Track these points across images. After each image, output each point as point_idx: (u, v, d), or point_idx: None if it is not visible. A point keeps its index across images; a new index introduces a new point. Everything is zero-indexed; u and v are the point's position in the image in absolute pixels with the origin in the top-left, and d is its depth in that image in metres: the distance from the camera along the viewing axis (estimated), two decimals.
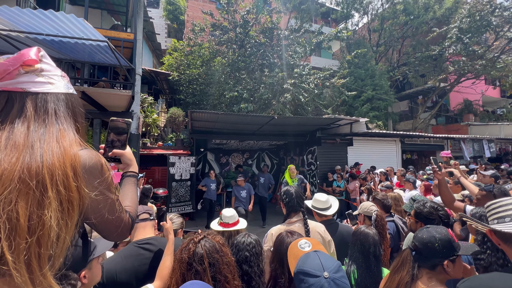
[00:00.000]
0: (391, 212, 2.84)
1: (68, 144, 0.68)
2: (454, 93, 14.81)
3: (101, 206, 0.72)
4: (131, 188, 0.93)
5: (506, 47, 12.09)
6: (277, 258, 1.33)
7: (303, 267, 0.95)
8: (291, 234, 1.38)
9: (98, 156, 0.75)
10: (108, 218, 0.74)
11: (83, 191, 0.66)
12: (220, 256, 1.19)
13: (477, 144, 10.81)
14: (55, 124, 0.69)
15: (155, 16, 17.25)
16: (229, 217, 2.13)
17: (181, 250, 1.20)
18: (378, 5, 15.32)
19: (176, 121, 8.86)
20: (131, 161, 0.96)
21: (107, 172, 0.75)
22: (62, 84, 0.76)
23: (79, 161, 0.68)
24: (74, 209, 0.64)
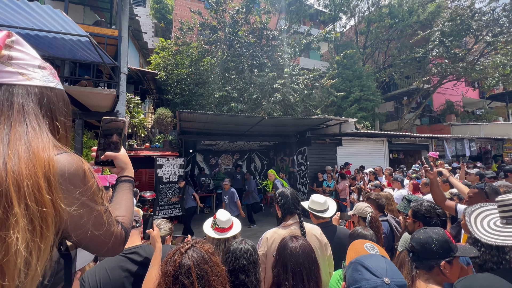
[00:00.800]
0: (384, 212, 2.83)
1: (40, 148, 0.56)
2: (437, 94, 15.35)
3: (84, 221, 0.61)
4: (126, 195, 0.82)
5: (484, 50, 12.65)
6: (280, 263, 1.26)
7: (365, 262, 0.92)
8: (296, 239, 1.31)
9: (80, 161, 0.64)
10: (94, 234, 0.63)
11: (59, 205, 0.56)
12: (210, 266, 1.08)
13: (459, 143, 11.23)
14: (23, 122, 0.58)
15: (142, 14, 16.81)
16: (225, 221, 1.99)
17: (166, 261, 1.08)
18: (365, 8, 15.66)
19: (164, 121, 8.64)
20: (126, 164, 0.86)
21: (91, 180, 0.64)
22: (38, 75, 0.64)
23: (55, 168, 0.57)
24: (48, 228, 0.53)
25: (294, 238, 1.32)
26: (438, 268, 1.26)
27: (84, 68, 4.83)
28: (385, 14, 14.47)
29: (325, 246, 1.77)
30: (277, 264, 1.27)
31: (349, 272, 0.94)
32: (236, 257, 1.38)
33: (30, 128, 0.58)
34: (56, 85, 0.69)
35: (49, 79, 0.67)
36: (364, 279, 0.87)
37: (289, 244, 1.28)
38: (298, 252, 1.22)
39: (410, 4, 13.81)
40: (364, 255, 1.01)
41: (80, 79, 4.39)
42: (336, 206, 2.18)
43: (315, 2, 16.21)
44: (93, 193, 0.64)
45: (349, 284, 0.91)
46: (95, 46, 2.77)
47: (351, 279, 0.91)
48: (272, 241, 1.73)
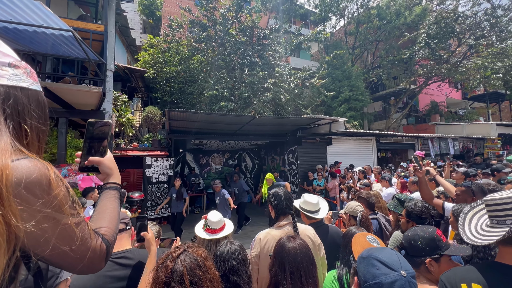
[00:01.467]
0: (375, 210, 2.87)
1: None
2: (422, 95, 15.82)
3: (48, 236, 0.54)
4: (111, 204, 0.75)
5: (467, 52, 13.13)
6: (278, 262, 1.24)
7: (379, 256, 0.92)
8: (293, 238, 1.30)
9: (44, 168, 0.56)
10: (62, 250, 0.56)
11: (12, 220, 0.48)
12: (203, 272, 1.04)
13: (443, 142, 11.62)
14: None
15: (130, 10, 16.41)
16: (216, 222, 1.97)
17: (157, 267, 1.03)
18: (354, 9, 15.90)
19: (152, 120, 8.44)
20: (111, 170, 0.81)
21: (56, 189, 0.56)
22: (7, 74, 0.58)
23: (9, 176, 0.50)
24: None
25: (291, 238, 1.31)
26: (424, 265, 1.28)
27: (68, 65, 4.64)
28: (373, 16, 14.75)
29: (319, 246, 1.77)
30: (274, 264, 1.26)
31: (363, 267, 0.93)
32: (224, 260, 1.35)
33: None
34: (30, 86, 0.63)
35: (21, 79, 0.61)
36: (382, 274, 0.87)
37: (286, 244, 1.26)
38: (296, 252, 1.21)
39: (397, 6, 14.13)
40: (373, 248, 1.01)
41: (63, 76, 4.20)
42: (328, 206, 2.18)
43: (306, 2, 16.32)
44: (59, 204, 0.56)
45: (365, 279, 0.90)
46: (79, 41, 2.65)
47: (368, 275, 0.90)
48: (265, 242, 1.71)
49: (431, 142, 11.21)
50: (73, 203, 0.60)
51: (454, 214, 1.76)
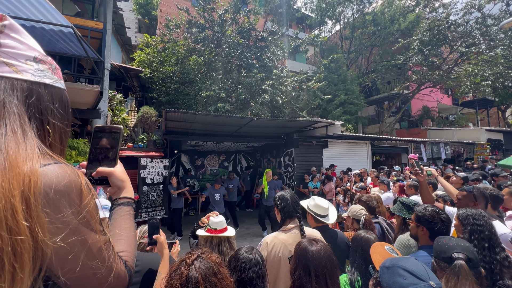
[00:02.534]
0: (375, 214, 2.88)
1: (20, 157, 0.44)
2: (415, 100, 16.16)
3: (77, 253, 0.47)
4: (126, 223, 0.66)
5: (458, 60, 13.49)
6: (302, 266, 1.21)
7: (405, 265, 0.91)
8: (315, 242, 1.27)
9: (75, 174, 0.51)
10: (89, 271, 0.49)
11: (40, 233, 0.42)
12: (219, 279, 1.00)
13: (435, 146, 11.86)
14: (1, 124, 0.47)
15: (125, 9, 16.19)
16: (217, 223, 1.95)
17: (170, 275, 0.98)
18: (349, 14, 16.13)
19: (148, 121, 8.32)
20: (123, 183, 0.70)
21: (87, 198, 0.51)
22: (31, 69, 0.53)
23: (37, 184, 0.44)
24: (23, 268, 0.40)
25: (313, 241, 1.28)
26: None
27: (63, 62, 4.51)
28: (368, 21, 15.00)
29: None
30: (297, 267, 1.23)
31: (388, 277, 0.91)
32: (245, 268, 1.30)
33: (9, 131, 0.47)
34: (54, 83, 0.58)
35: (46, 75, 0.57)
36: (410, 283, 0.85)
37: (309, 247, 1.23)
38: (320, 255, 1.19)
39: (392, 12, 14.41)
40: (397, 258, 1.00)
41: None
42: (336, 212, 2.17)
43: (302, 6, 16.47)
44: (89, 216, 0.51)
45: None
46: (79, 38, 2.57)
47: (395, 285, 0.88)
48: (272, 245, 1.68)
49: (423, 147, 11.42)
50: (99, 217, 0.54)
51: (460, 218, 1.77)
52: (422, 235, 1.69)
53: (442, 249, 1.23)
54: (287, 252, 1.64)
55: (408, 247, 1.94)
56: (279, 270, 1.62)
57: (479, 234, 1.65)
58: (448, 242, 1.23)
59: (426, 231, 1.66)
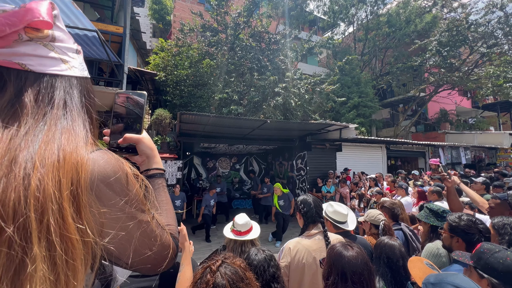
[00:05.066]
0: (398, 220, 2.76)
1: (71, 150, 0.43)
2: (432, 102, 15.63)
3: (134, 240, 0.48)
4: (163, 196, 0.64)
5: (479, 61, 12.97)
6: (337, 271, 1.17)
7: (456, 282, 0.86)
8: (351, 247, 1.22)
9: (119, 161, 0.49)
10: (146, 251, 0.50)
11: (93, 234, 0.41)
12: (246, 284, 0.96)
13: (455, 151, 11.39)
14: (60, 122, 0.45)
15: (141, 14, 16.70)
16: (242, 225, 1.94)
17: (195, 283, 0.94)
18: (363, 16, 15.89)
19: (162, 123, 8.45)
20: (152, 151, 0.66)
21: (136, 184, 0.50)
22: (77, 63, 0.52)
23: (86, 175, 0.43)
24: (76, 274, 0.38)
25: (348, 246, 1.23)
26: None
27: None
28: (383, 23, 14.71)
29: None
30: (332, 273, 1.18)
31: None
32: (264, 268, 1.29)
33: (70, 129, 0.46)
34: (88, 74, 0.57)
35: (84, 67, 0.55)
36: None
37: (345, 253, 1.18)
38: (357, 262, 1.13)
39: (407, 13, 14.07)
40: (444, 274, 0.93)
41: None
42: (355, 218, 2.10)
43: (315, 9, 16.38)
44: (140, 201, 0.51)
45: None
46: (103, 42, 2.63)
47: None
48: (296, 251, 1.62)
49: (442, 151, 11.00)
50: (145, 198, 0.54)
51: (495, 227, 1.66)
52: (458, 247, 1.57)
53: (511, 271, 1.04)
54: (311, 259, 1.58)
55: (438, 256, 1.83)
56: (303, 276, 1.56)
57: None
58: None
59: (462, 243, 1.55)
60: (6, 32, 0.41)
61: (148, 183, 0.56)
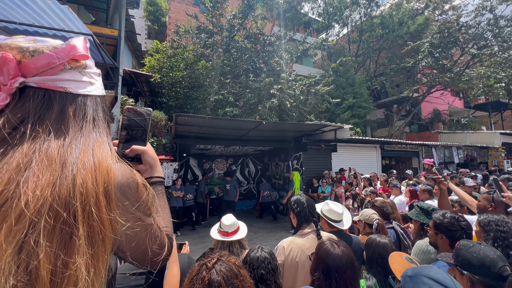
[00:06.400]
0: (389, 219, 2.83)
1: (103, 157, 0.53)
2: (425, 103, 15.87)
3: (140, 238, 0.58)
4: (162, 201, 0.74)
5: (470, 62, 13.23)
6: (321, 268, 1.21)
7: (430, 274, 0.88)
8: (337, 245, 1.26)
9: (132, 171, 0.60)
10: (148, 249, 0.60)
11: (116, 223, 0.51)
12: (240, 281, 1.01)
13: (447, 150, 11.59)
14: (92, 133, 0.57)
15: (135, 16, 16.62)
16: (229, 226, 1.99)
17: (191, 279, 0.99)
18: (357, 18, 16.07)
19: (158, 125, 8.44)
20: (155, 161, 0.76)
21: (145, 192, 0.60)
22: (99, 84, 0.63)
23: (113, 180, 0.53)
24: (106, 251, 0.49)
25: (335, 244, 1.27)
26: None
27: None
28: (376, 25, 14.91)
29: None
30: (317, 268, 1.22)
31: (411, 286, 0.89)
32: (253, 267, 1.33)
33: (99, 139, 0.57)
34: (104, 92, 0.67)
35: (102, 86, 0.66)
36: None
37: (331, 250, 1.23)
38: (341, 261, 1.18)
39: (400, 15, 14.29)
40: (420, 266, 0.96)
41: None
42: (351, 217, 2.15)
43: (309, 11, 16.53)
44: (148, 207, 0.61)
45: None
46: (98, 45, 2.66)
47: None
48: (289, 250, 1.67)
49: (435, 150, 11.18)
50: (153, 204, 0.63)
51: (481, 224, 1.72)
52: (442, 243, 1.64)
53: (485, 263, 1.09)
54: (304, 257, 1.63)
55: (427, 253, 1.90)
56: (296, 275, 1.61)
57: (503, 241, 1.60)
58: (487, 254, 1.12)
59: (446, 239, 1.61)
60: (55, 64, 0.52)
61: (154, 192, 0.65)
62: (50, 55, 0.51)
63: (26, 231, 0.40)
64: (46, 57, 0.51)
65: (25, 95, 0.51)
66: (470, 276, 1.11)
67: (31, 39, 0.53)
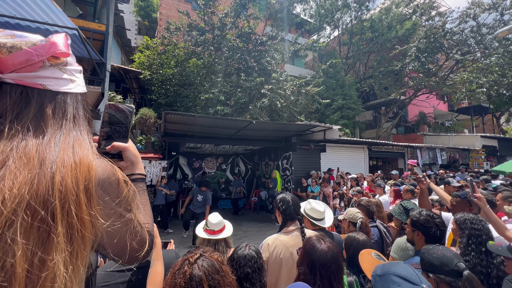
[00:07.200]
0: (374, 218, 2.91)
1: (84, 155, 0.53)
2: (412, 105, 16.35)
3: (122, 233, 0.58)
4: (143, 198, 0.74)
5: (454, 67, 13.73)
6: (307, 263, 1.24)
7: (398, 271, 0.91)
8: (323, 241, 1.29)
9: (113, 167, 0.59)
10: (129, 245, 0.59)
11: (96, 220, 0.51)
12: (221, 276, 1.03)
13: (431, 152, 11.99)
14: (72, 131, 0.56)
15: (125, 11, 16.26)
16: (215, 224, 2.01)
17: (173, 273, 1.00)
18: (348, 20, 16.35)
19: (146, 122, 8.30)
20: (136, 158, 0.75)
21: (125, 188, 0.60)
22: (81, 82, 0.63)
23: (94, 176, 0.53)
24: (85, 248, 0.49)
25: (322, 239, 1.30)
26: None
27: None
28: (366, 28, 15.22)
29: None
30: (303, 262, 1.25)
31: (382, 285, 0.92)
32: (240, 265, 1.35)
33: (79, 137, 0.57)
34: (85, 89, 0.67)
35: (84, 83, 0.65)
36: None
37: (317, 246, 1.26)
38: (327, 256, 1.21)
39: (389, 20, 14.65)
40: (388, 264, 1.00)
41: None
42: (332, 215, 2.20)
43: (302, 12, 16.67)
44: (129, 202, 0.61)
45: None
46: (83, 40, 2.59)
47: None
48: (274, 247, 1.70)
49: (419, 152, 11.54)
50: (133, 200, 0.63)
51: (457, 222, 1.81)
52: (418, 240, 1.72)
53: (443, 261, 1.17)
54: (288, 254, 1.67)
55: (405, 250, 1.98)
56: (280, 271, 1.64)
57: (476, 238, 1.68)
58: (444, 253, 1.20)
59: (422, 236, 1.69)
60: (34, 61, 0.51)
61: (135, 188, 0.65)
62: (29, 51, 0.50)
63: (2, 229, 0.40)
64: (24, 54, 0.50)
65: (1, 91, 0.50)
66: (435, 277, 1.17)
67: (9, 34, 0.51)
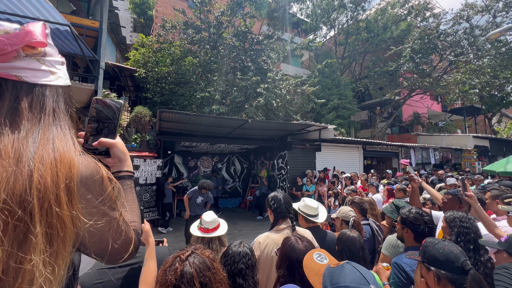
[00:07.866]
0: (366, 216, 2.95)
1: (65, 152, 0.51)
2: (406, 106, 16.54)
3: (104, 233, 0.56)
4: (130, 196, 0.72)
5: (448, 68, 13.91)
6: (285, 264, 1.24)
7: (346, 283, 0.85)
8: (300, 240, 1.30)
9: (97, 165, 0.57)
10: (113, 244, 0.58)
11: (78, 220, 0.49)
12: (212, 273, 1.04)
13: (425, 152, 12.16)
14: (52, 126, 0.53)
15: (120, 8, 16.07)
16: (209, 222, 2.01)
17: (164, 270, 1.00)
18: (344, 20, 16.44)
19: (141, 121, 8.24)
20: (125, 155, 0.72)
21: (109, 186, 0.58)
22: (62, 74, 0.59)
23: (76, 174, 0.51)
24: (65, 248, 0.47)
25: (299, 239, 1.31)
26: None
27: None
28: (362, 28, 15.32)
29: None
30: (282, 264, 1.26)
31: None
32: (234, 261, 1.36)
33: (59, 133, 0.53)
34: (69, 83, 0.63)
35: (67, 76, 0.62)
36: None
37: (295, 246, 1.26)
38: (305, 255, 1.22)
39: (384, 20, 14.77)
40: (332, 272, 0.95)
41: None
42: (326, 212, 2.23)
43: (298, 12, 16.70)
44: (113, 201, 0.59)
45: None
46: (75, 36, 2.56)
47: None
48: (265, 245, 1.71)
49: (413, 152, 11.69)
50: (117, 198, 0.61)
51: (447, 220, 1.84)
52: (407, 237, 1.75)
53: (449, 258, 1.14)
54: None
55: (396, 247, 2.01)
56: (271, 269, 1.65)
57: (465, 236, 1.72)
58: (451, 249, 1.17)
59: (411, 233, 1.72)
60: (7, 51, 0.48)
61: (120, 185, 0.63)
62: (1, 40, 0.47)
63: None
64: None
65: None
66: (437, 271, 1.15)
67: None
